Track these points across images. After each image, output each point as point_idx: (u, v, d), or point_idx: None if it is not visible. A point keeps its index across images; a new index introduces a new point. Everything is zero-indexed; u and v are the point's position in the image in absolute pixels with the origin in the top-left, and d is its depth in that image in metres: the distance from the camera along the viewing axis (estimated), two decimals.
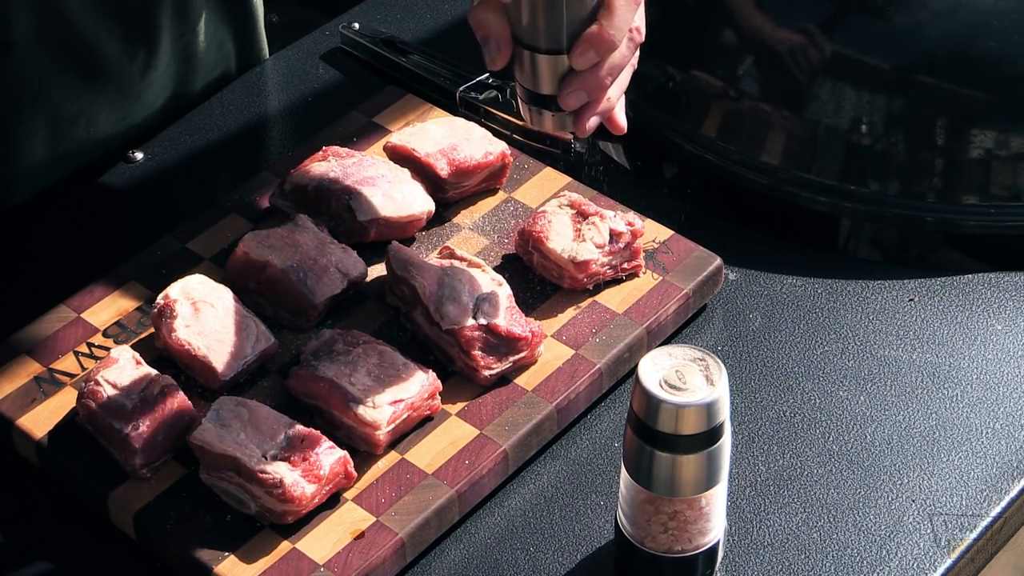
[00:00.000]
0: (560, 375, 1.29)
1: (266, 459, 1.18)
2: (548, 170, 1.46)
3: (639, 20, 1.20)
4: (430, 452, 1.24)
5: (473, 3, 1.21)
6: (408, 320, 1.32)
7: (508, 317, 1.29)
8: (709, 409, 1.10)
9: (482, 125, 1.47)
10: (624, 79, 1.23)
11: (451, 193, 1.42)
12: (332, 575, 1.16)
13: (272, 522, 1.19)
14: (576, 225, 1.36)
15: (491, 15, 1.20)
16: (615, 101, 1.23)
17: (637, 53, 1.23)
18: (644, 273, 1.36)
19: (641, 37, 1.21)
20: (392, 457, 1.24)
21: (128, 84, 1.49)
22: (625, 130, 1.26)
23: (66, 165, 1.49)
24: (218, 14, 1.55)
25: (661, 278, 1.36)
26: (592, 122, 1.22)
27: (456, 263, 1.33)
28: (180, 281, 1.31)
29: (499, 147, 1.43)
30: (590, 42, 1.18)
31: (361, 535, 1.18)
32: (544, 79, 1.22)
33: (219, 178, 1.52)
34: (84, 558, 1.22)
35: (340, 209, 1.38)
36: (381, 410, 1.22)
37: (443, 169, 1.41)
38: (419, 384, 1.24)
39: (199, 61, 1.55)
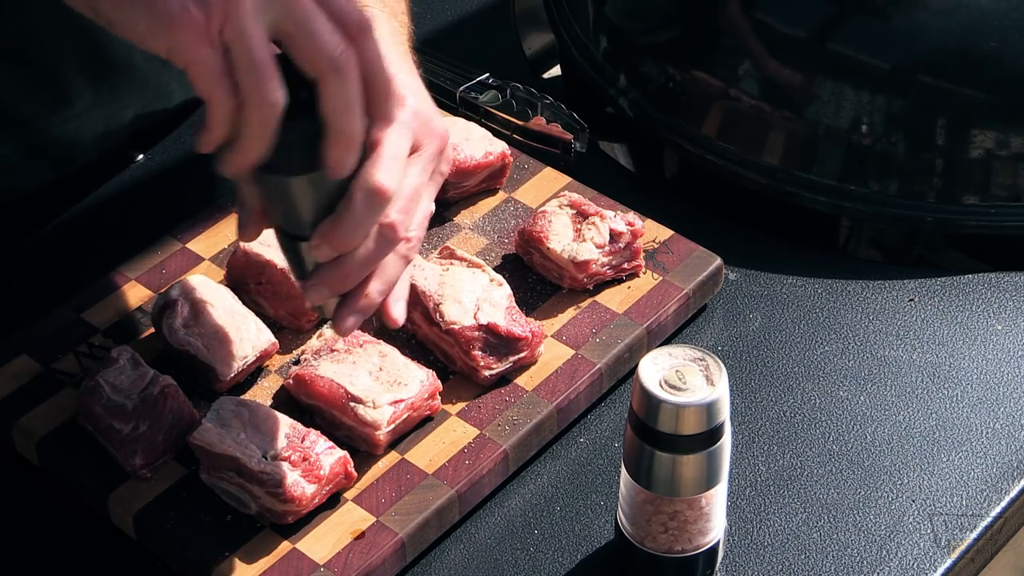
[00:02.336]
0: (560, 375, 1.29)
1: (266, 459, 1.18)
2: (548, 170, 1.46)
3: (396, 215, 1.08)
4: (430, 452, 1.24)
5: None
6: (408, 320, 1.32)
7: (508, 317, 1.29)
8: (709, 409, 1.10)
9: (482, 125, 1.47)
10: (390, 273, 1.11)
11: (451, 193, 1.42)
12: (332, 575, 1.16)
13: (272, 522, 1.19)
14: (576, 225, 1.36)
15: (247, 184, 1.09)
16: (378, 297, 1.11)
17: (410, 246, 1.11)
18: (644, 273, 1.36)
19: (400, 234, 1.08)
20: (392, 457, 1.24)
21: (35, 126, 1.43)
22: (399, 324, 1.15)
23: None
24: None
25: (661, 278, 1.36)
26: (348, 322, 1.11)
27: (456, 263, 1.33)
28: (180, 281, 1.31)
29: (499, 147, 1.43)
30: (323, 235, 1.06)
31: (361, 535, 1.18)
32: (296, 261, 1.10)
33: (219, 178, 1.51)
34: (84, 558, 1.22)
35: None
36: (381, 410, 1.22)
37: None
38: (419, 384, 1.24)
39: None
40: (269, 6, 1.00)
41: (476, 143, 1.43)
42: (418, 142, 1.11)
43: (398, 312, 1.14)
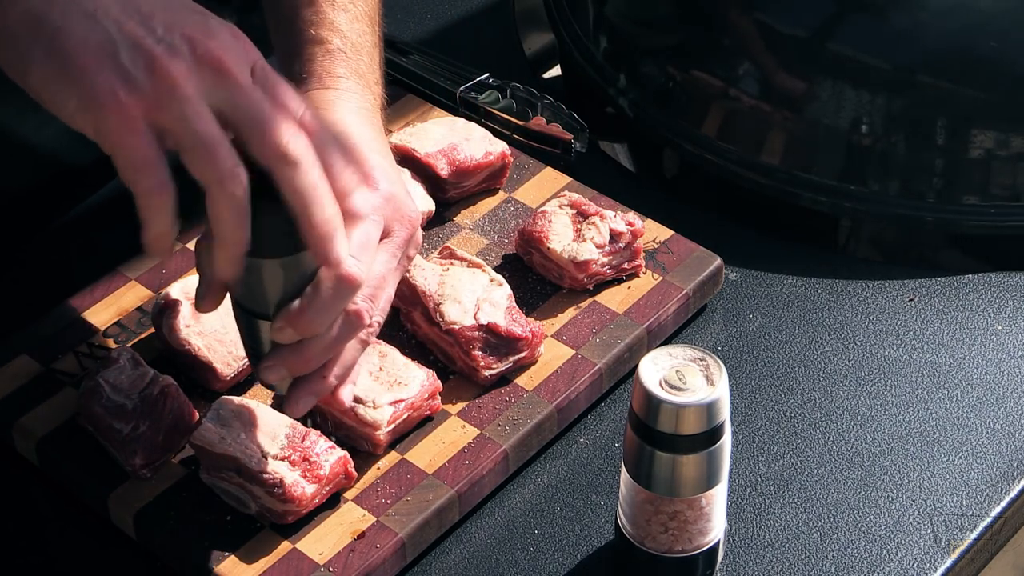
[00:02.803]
0: (560, 375, 1.29)
1: (266, 459, 1.18)
2: (548, 170, 1.46)
3: (362, 302, 1.07)
4: (430, 452, 1.24)
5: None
6: (408, 320, 1.32)
7: (508, 317, 1.29)
8: (709, 409, 1.10)
9: (482, 125, 1.47)
10: (348, 358, 1.10)
11: (451, 193, 1.42)
12: (332, 575, 1.16)
13: (272, 522, 1.19)
14: (576, 225, 1.36)
15: (206, 255, 1.05)
16: (334, 383, 1.10)
17: (371, 331, 1.09)
18: (644, 273, 1.36)
19: (365, 322, 1.07)
20: (392, 457, 1.24)
21: None
22: (346, 406, 1.15)
23: None
24: None
25: (661, 278, 1.36)
26: (301, 404, 1.09)
27: (456, 263, 1.33)
28: (180, 281, 1.31)
29: (499, 147, 1.43)
30: (287, 318, 1.04)
31: (361, 535, 1.18)
32: (253, 338, 1.09)
33: None
34: (84, 558, 1.22)
35: None
36: (381, 410, 1.22)
37: (443, 169, 1.41)
38: (419, 384, 1.24)
39: None
40: (211, 93, 0.97)
41: (476, 143, 1.43)
42: (388, 228, 1.10)
43: (347, 396, 1.13)
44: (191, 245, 1.38)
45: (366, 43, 1.22)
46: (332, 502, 1.20)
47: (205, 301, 1.08)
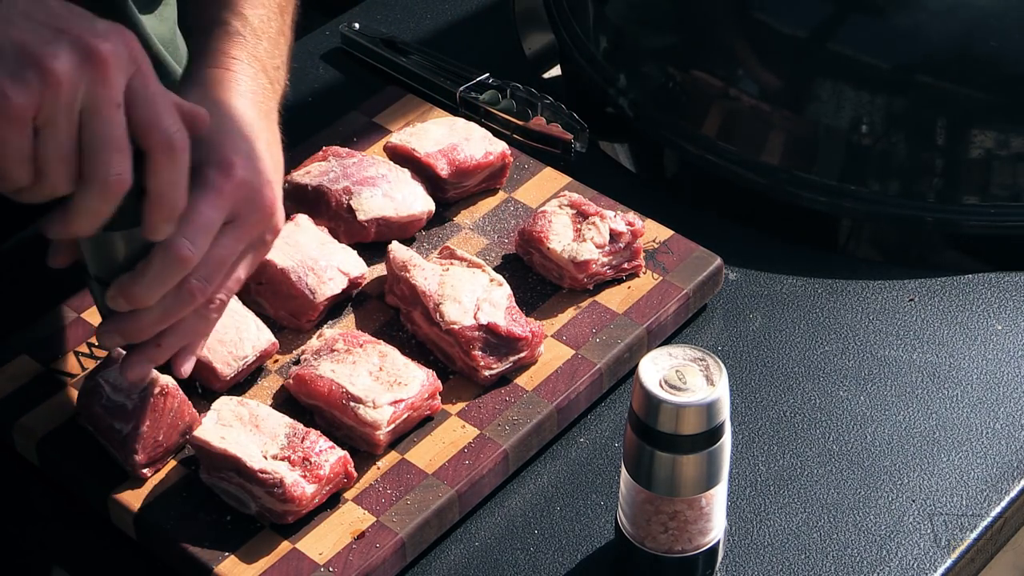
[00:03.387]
0: (560, 375, 1.29)
1: (266, 459, 1.18)
2: (548, 170, 1.46)
3: (198, 279, 1.10)
4: (430, 452, 1.24)
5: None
6: (408, 320, 1.32)
7: (508, 317, 1.29)
8: (709, 409, 1.10)
9: (482, 125, 1.47)
10: (187, 328, 1.14)
11: (451, 193, 1.42)
12: (332, 575, 1.16)
13: (272, 522, 1.19)
14: (576, 225, 1.36)
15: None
16: (168, 351, 1.14)
17: (215, 307, 1.14)
18: (644, 273, 1.36)
19: (199, 298, 1.11)
20: (392, 457, 1.24)
21: None
22: (184, 375, 1.17)
23: None
24: None
25: (661, 278, 1.36)
26: (135, 369, 1.14)
27: (456, 263, 1.33)
28: None
29: (499, 147, 1.43)
30: (118, 288, 1.10)
31: (361, 535, 1.18)
32: (95, 300, 1.14)
33: None
34: (84, 558, 1.22)
35: (340, 209, 1.38)
36: (381, 410, 1.22)
37: (443, 169, 1.41)
38: (419, 384, 1.24)
39: None
40: (126, 68, 1.01)
41: (476, 143, 1.43)
42: (236, 212, 1.12)
43: (186, 368, 1.17)
44: None
45: (269, 30, 1.25)
46: (332, 502, 1.20)
47: (56, 257, 1.13)
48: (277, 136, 1.21)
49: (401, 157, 1.43)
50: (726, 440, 1.12)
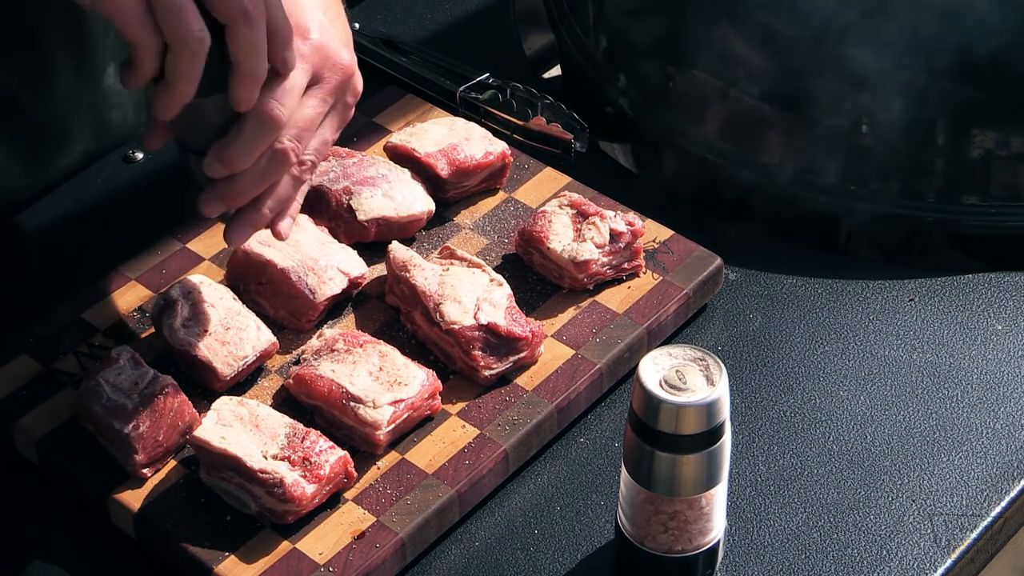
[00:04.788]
0: (560, 375, 1.29)
1: (266, 459, 1.18)
2: (548, 170, 1.46)
3: (289, 141, 1.16)
4: (430, 452, 1.24)
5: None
6: (408, 320, 1.32)
7: (508, 317, 1.29)
8: (709, 409, 1.10)
9: (482, 125, 1.47)
10: (282, 192, 1.19)
11: (451, 193, 1.42)
12: (332, 575, 1.16)
13: (272, 522, 1.19)
14: (576, 225, 1.36)
15: (155, 95, 1.15)
16: (268, 214, 1.20)
17: (305, 168, 1.19)
18: (644, 273, 1.36)
19: (292, 159, 1.17)
20: (392, 457, 1.24)
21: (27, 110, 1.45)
22: (285, 238, 1.22)
23: None
24: None
25: (661, 278, 1.36)
26: (237, 236, 1.20)
27: (456, 263, 1.33)
28: (180, 281, 1.31)
29: (499, 147, 1.43)
30: (216, 154, 1.15)
31: (361, 535, 1.18)
32: (194, 173, 1.18)
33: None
34: (84, 558, 1.22)
35: (340, 209, 1.38)
36: (381, 410, 1.22)
37: (443, 169, 1.41)
38: (419, 384, 1.24)
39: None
40: None
41: (476, 143, 1.43)
42: (319, 75, 1.18)
43: (284, 228, 1.22)
44: (191, 245, 1.38)
45: None
46: (332, 502, 1.20)
47: (150, 138, 1.18)
48: (341, 8, 1.26)
49: (401, 157, 1.43)
50: (726, 440, 1.12)
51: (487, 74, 1.54)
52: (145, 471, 1.22)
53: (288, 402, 1.27)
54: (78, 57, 1.46)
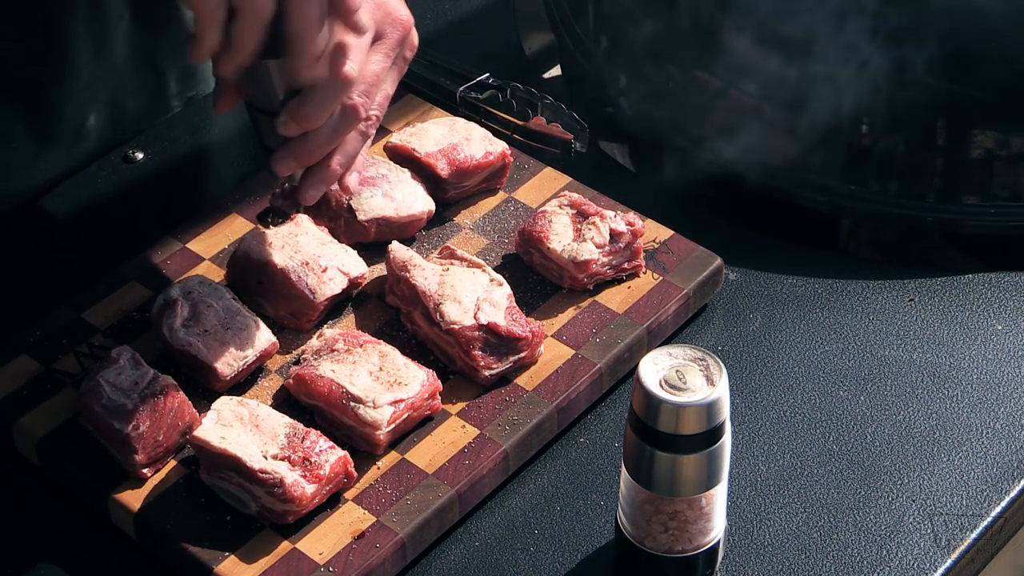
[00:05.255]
0: (560, 375, 1.29)
1: (266, 459, 1.18)
2: (548, 170, 1.46)
3: (358, 96, 1.20)
4: (430, 452, 1.24)
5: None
6: (408, 320, 1.32)
7: (508, 317, 1.29)
8: (709, 409, 1.10)
9: (482, 125, 1.47)
10: (351, 148, 1.24)
11: (451, 193, 1.42)
12: (332, 575, 1.16)
13: (272, 522, 1.19)
14: (576, 225, 1.36)
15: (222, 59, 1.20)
16: (339, 169, 1.24)
17: (370, 123, 1.23)
18: (644, 273, 1.36)
19: (361, 114, 1.21)
20: (392, 457, 1.24)
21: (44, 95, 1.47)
22: (353, 193, 1.27)
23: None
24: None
25: (661, 278, 1.36)
26: (311, 192, 1.23)
27: (456, 263, 1.33)
28: (180, 281, 1.31)
29: (499, 147, 1.43)
30: (290, 112, 1.19)
31: (361, 535, 1.18)
32: (266, 135, 1.22)
33: (219, 178, 1.52)
34: (84, 558, 1.22)
35: (340, 209, 1.38)
36: (381, 410, 1.22)
37: (443, 169, 1.41)
38: (419, 384, 1.24)
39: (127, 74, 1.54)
40: None
41: (476, 143, 1.43)
42: (381, 31, 1.22)
43: (352, 182, 1.27)
44: (191, 245, 1.38)
45: None
46: (332, 502, 1.20)
47: (222, 101, 1.22)
48: None
49: (401, 157, 1.43)
50: (726, 440, 1.12)
51: (487, 74, 1.54)
52: (145, 471, 1.22)
53: (288, 402, 1.27)
54: (98, 42, 1.47)
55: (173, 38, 1.54)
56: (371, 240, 1.38)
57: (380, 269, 1.37)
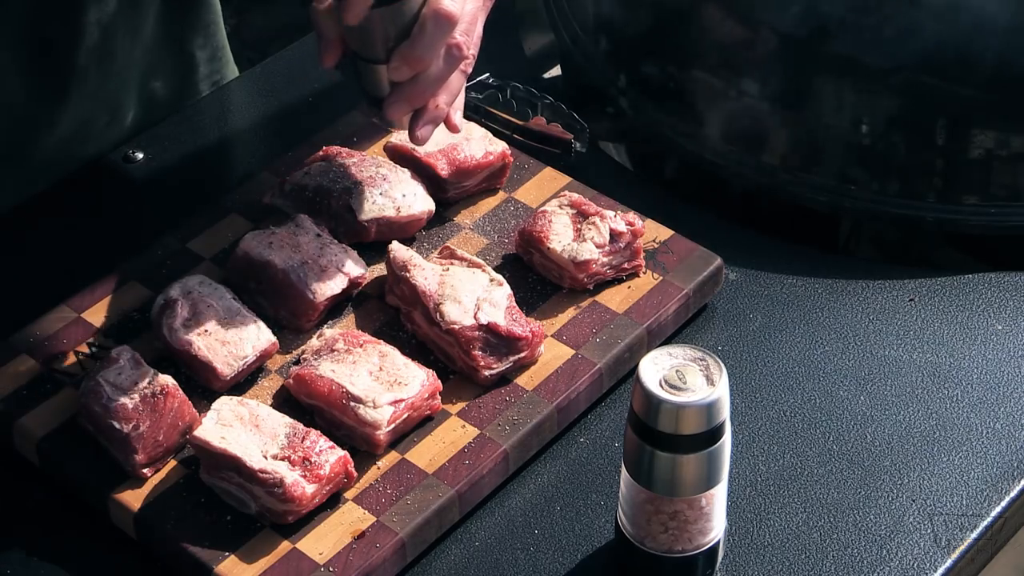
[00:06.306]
0: (560, 375, 1.29)
1: (266, 459, 1.18)
2: (548, 170, 1.46)
3: (461, 36, 1.26)
4: (430, 452, 1.24)
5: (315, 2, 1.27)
6: (408, 320, 1.32)
7: (508, 317, 1.29)
8: (709, 409, 1.10)
9: (482, 125, 1.47)
10: (454, 86, 1.29)
11: (451, 193, 1.42)
12: (332, 575, 1.16)
13: (272, 522, 1.19)
14: (576, 225, 1.36)
15: (326, 17, 1.26)
16: (445, 108, 1.29)
17: (469, 62, 1.29)
18: (644, 273, 1.36)
19: (464, 53, 1.27)
20: (392, 457, 1.24)
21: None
22: (460, 130, 1.32)
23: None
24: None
25: (661, 278, 1.36)
26: (424, 131, 1.29)
27: (456, 263, 1.33)
28: (180, 281, 1.31)
29: (499, 147, 1.43)
30: (402, 57, 1.25)
31: (361, 535, 1.18)
32: (374, 84, 1.28)
33: (219, 178, 1.52)
34: (84, 558, 1.22)
35: (340, 209, 1.38)
36: (381, 410, 1.22)
37: (443, 169, 1.41)
38: (419, 384, 1.24)
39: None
40: None
41: (476, 143, 1.43)
42: None
43: (459, 120, 1.32)
44: (191, 245, 1.38)
45: None
46: (332, 502, 1.20)
47: (327, 55, 1.28)
48: None
49: (401, 157, 1.43)
50: (726, 440, 1.12)
51: (487, 74, 1.54)
52: (145, 471, 1.22)
53: (288, 402, 1.27)
54: (131, 25, 1.50)
55: (202, 20, 1.56)
56: (371, 240, 1.38)
57: (380, 269, 1.37)
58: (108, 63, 1.49)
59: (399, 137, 1.44)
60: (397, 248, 1.34)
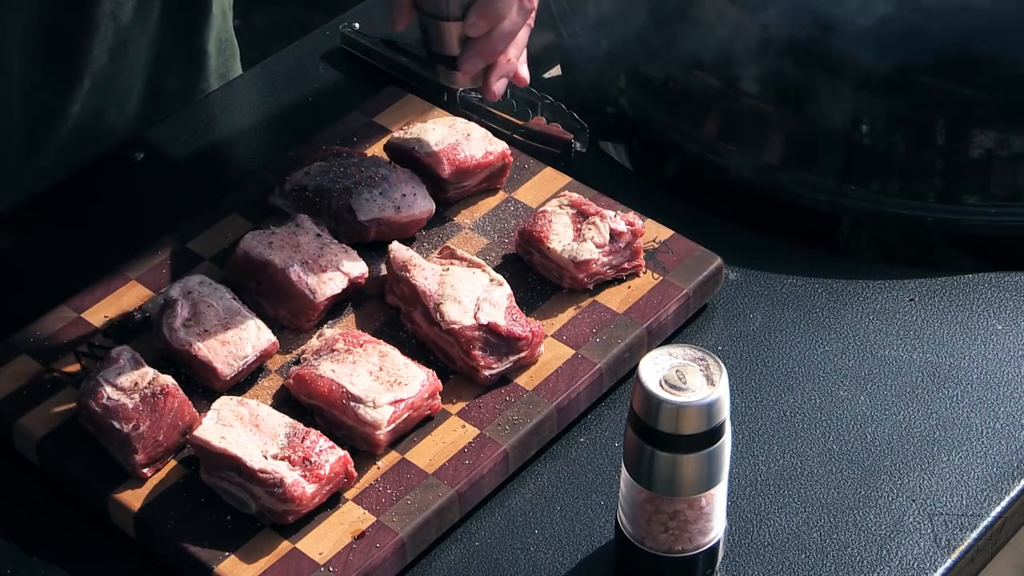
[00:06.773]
0: (560, 375, 1.29)
1: (266, 459, 1.19)
2: (548, 170, 1.46)
3: None
4: (430, 452, 1.24)
5: None
6: (408, 320, 1.32)
7: (508, 317, 1.29)
8: (709, 409, 1.10)
9: (482, 125, 1.47)
10: (522, 40, 1.35)
11: (451, 193, 1.42)
12: (332, 575, 1.16)
13: (272, 522, 1.19)
14: (576, 225, 1.36)
15: None
16: (516, 61, 1.35)
17: (533, 16, 1.34)
18: (644, 273, 1.36)
19: (534, 4, 1.32)
20: (392, 457, 1.24)
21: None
22: (527, 82, 1.38)
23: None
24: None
25: (661, 278, 1.36)
26: (499, 84, 1.35)
27: (456, 263, 1.33)
28: (180, 281, 1.31)
29: (499, 147, 1.43)
30: (480, 13, 1.30)
31: (361, 535, 1.19)
32: (445, 43, 1.34)
33: (219, 178, 1.52)
34: (84, 558, 1.22)
35: (340, 209, 1.38)
36: (381, 410, 1.22)
37: (443, 169, 1.41)
38: (419, 384, 1.24)
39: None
40: None
41: (476, 143, 1.43)
42: None
43: (525, 72, 1.38)
44: (191, 245, 1.38)
45: None
46: (332, 502, 1.20)
47: (399, 17, 1.34)
48: None
49: (401, 157, 1.43)
50: (726, 440, 1.12)
51: None
52: (145, 471, 1.22)
53: (288, 402, 1.27)
54: (141, 17, 1.50)
55: (210, 12, 1.56)
56: (371, 240, 1.38)
57: (380, 269, 1.37)
58: (120, 55, 1.50)
59: (399, 137, 1.44)
60: (397, 248, 1.34)
